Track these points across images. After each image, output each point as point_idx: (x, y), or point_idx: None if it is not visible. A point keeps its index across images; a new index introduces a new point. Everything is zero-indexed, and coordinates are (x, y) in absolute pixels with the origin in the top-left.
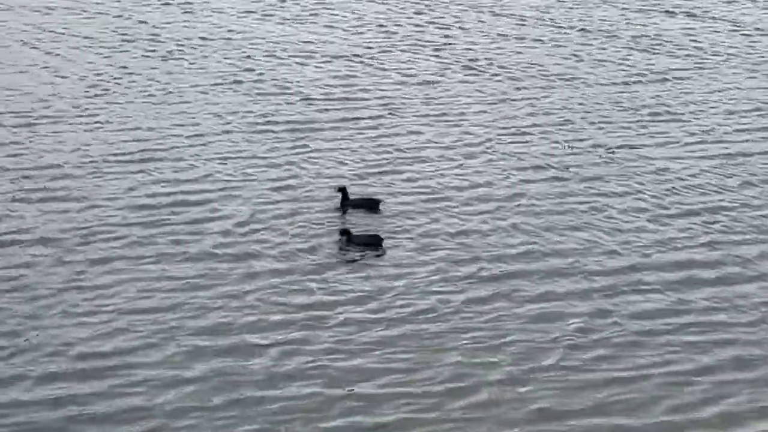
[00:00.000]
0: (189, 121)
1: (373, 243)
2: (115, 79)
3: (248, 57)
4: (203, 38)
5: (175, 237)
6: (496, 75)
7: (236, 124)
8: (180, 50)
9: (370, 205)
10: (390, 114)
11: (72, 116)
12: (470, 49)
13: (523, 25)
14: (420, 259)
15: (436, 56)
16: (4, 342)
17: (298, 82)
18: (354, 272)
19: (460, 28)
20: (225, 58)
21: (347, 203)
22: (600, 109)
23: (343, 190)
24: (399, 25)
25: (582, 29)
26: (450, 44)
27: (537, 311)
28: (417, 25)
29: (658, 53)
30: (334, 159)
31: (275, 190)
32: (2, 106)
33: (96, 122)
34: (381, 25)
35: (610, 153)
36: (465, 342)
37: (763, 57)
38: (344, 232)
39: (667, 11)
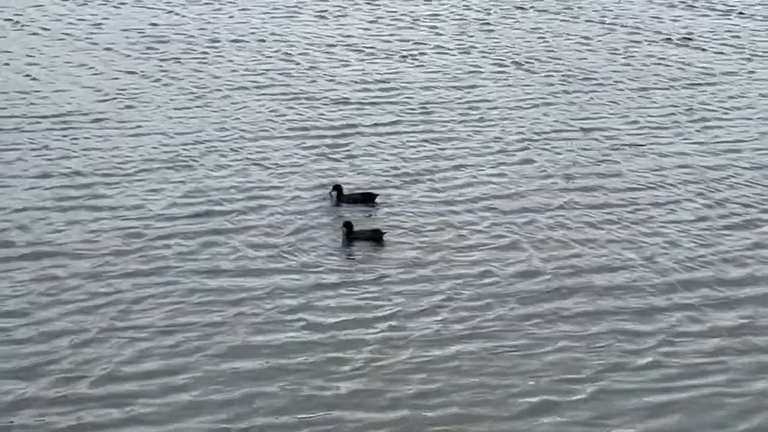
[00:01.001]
0: (222, 125)
1: (374, 237)
2: (145, 82)
3: (282, 57)
4: (234, 40)
5: (210, 249)
6: (538, 75)
7: (270, 126)
8: (211, 52)
9: (366, 199)
10: (428, 114)
11: (102, 121)
12: (512, 49)
13: (572, 23)
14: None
15: (476, 55)
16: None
17: (334, 82)
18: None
19: (503, 26)
20: (257, 60)
21: (343, 199)
22: (642, 112)
23: (338, 188)
24: (443, 21)
25: (631, 28)
26: (493, 43)
27: (548, 313)
28: (460, 22)
29: (705, 51)
30: (372, 161)
31: (309, 196)
32: (32, 111)
33: (127, 127)
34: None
35: (615, 150)
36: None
37: None
38: (346, 225)
39: (716, 9)
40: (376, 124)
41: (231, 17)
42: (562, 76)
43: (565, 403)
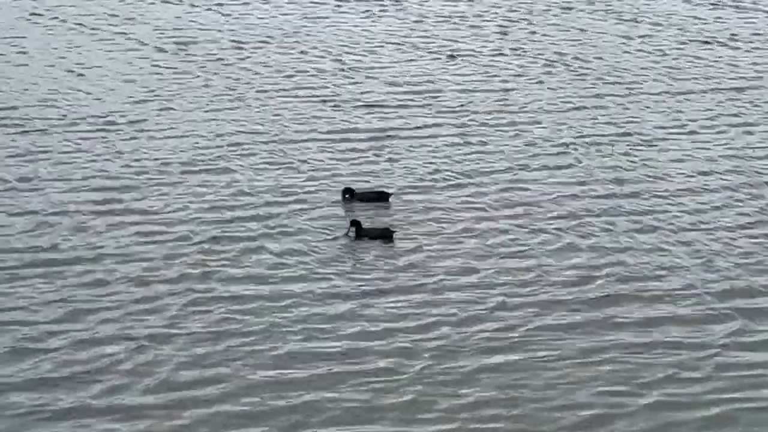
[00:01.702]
0: (250, 129)
1: (384, 236)
2: (171, 83)
3: (313, 58)
4: (263, 41)
5: (252, 254)
6: (580, 76)
7: (308, 128)
8: (238, 52)
9: (381, 198)
10: (466, 116)
11: (139, 123)
12: (554, 50)
13: (615, 24)
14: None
15: (517, 56)
16: (91, 365)
17: (374, 82)
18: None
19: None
20: (285, 62)
21: (356, 198)
22: (686, 115)
23: (350, 191)
24: (486, 21)
25: (675, 28)
26: (535, 44)
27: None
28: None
29: (750, 52)
30: (411, 164)
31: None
32: (56, 113)
33: (163, 130)
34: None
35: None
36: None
37: None
38: (354, 223)
39: (763, 10)
40: (416, 127)
41: (272, 16)
42: (605, 77)
43: (620, 415)
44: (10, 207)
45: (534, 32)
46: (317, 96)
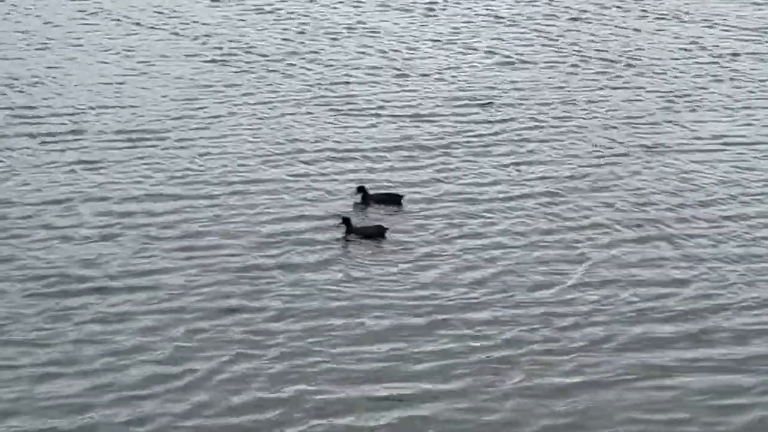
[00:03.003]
0: (290, 146)
1: (378, 234)
2: (213, 94)
3: (361, 67)
4: (293, 52)
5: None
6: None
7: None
8: (277, 63)
9: (393, 200)
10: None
11: (169, 134)
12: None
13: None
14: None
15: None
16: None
17: (422, 89)
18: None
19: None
20: (326, 73)
21: (368, 199)
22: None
23: (362, 189)
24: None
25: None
26: (588, 48)
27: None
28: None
29: None
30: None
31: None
32: (93, 124)
33: (193, 143)
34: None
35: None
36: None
37: None
38: (345, 221)
39: None
40: (478, 134)
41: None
42: (668, 82)
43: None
44: (91, 218)
45: (593, 33)
46: (366, 106)
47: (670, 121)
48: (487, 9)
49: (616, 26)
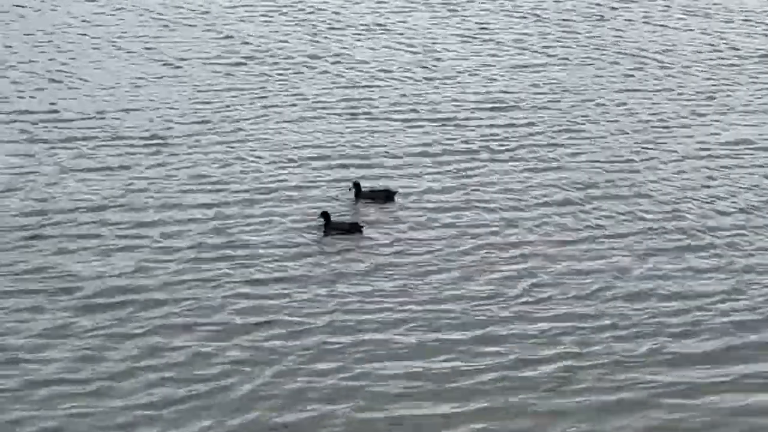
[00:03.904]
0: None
1: (353, 230)
2: (236, 99)
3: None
4: (314, 56)
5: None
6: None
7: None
8: (294, 68)
9: (385, 196)
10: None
11: (191, 140)
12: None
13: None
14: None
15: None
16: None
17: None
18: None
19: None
20: (347, 77)
21: (360, 196)
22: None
23: (357, 185)
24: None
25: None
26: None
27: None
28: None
29: None
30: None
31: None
32: (118, 129)
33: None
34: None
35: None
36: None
37: None
38: (323, 215)
39: None
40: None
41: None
42: (692, 88)
43: None
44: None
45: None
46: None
47: (701, 124)
48: (512, 6)
49: (644, 22)
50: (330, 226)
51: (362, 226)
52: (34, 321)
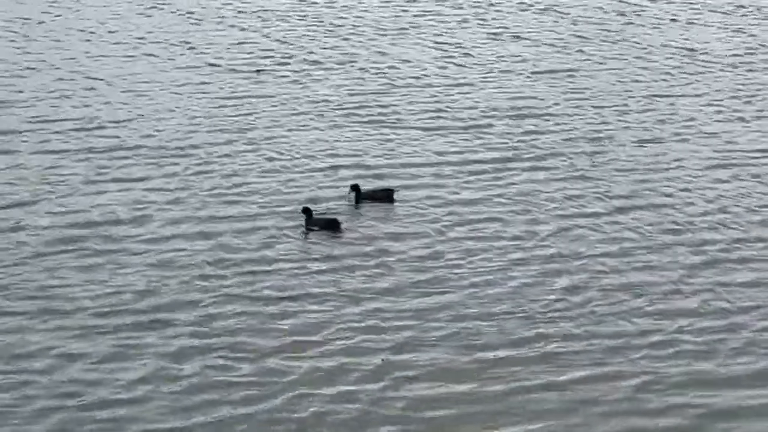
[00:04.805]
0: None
1: (331, 227)
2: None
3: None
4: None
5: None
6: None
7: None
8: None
9: (385, 196)
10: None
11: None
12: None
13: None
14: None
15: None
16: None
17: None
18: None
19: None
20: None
21: (361, 197)
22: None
23: (356, 187)
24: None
25: None
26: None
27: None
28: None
29: None
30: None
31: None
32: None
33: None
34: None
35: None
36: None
37: None
38: (305, 211)
39: None
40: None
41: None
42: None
43: None
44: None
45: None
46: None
47: (737, 129)
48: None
49: (672, 20)
50: (310, 222)
51: (341, 223)
52: (41, 340)
